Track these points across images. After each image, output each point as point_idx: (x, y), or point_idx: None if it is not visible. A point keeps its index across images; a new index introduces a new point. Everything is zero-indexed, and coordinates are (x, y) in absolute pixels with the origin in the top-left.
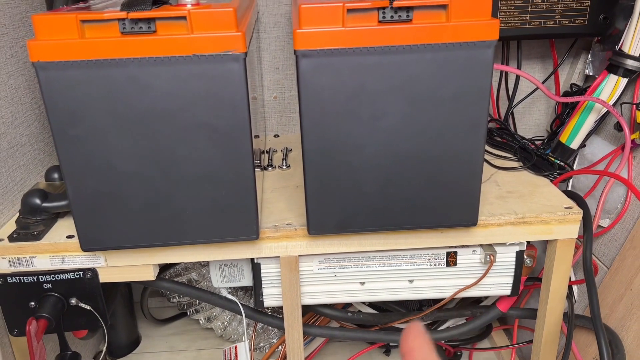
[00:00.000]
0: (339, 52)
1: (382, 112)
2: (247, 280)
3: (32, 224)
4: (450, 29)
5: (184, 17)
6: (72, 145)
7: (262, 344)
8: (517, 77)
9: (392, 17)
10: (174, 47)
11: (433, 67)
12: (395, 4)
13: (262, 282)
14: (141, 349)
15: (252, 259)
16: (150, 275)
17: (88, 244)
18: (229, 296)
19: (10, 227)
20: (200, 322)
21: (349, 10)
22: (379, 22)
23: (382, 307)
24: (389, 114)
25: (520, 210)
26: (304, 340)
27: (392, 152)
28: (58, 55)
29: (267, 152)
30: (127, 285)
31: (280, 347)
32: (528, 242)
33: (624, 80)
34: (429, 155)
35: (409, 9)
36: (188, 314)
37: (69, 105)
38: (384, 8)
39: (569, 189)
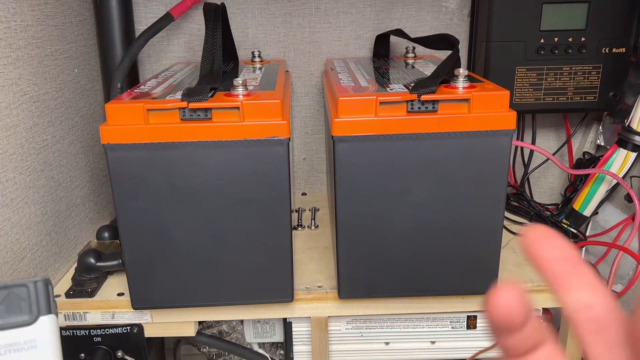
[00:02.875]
0: (372, 138)
1: (409, 189)
2: (278, 337)
3: (86, 282)
4: (472, 119)
5: (237, 107)
6: (132, 215)
7: None
8: None
9: (419, 108)
10: (227, 132)
11: (456, 152)
12: (423, 97)
13: (293, 340)
14: None
15: (285, 318)
16: (191, 331)
17: (138, 303)
18: (260, 351)
19: (66, 283)
20: None
21: (382, 103)
22: (408, 112)
23: None
24: (416, 191)
25: (537, 278)
26: None
27: (418, 224)
28: (125, 139)
29: (296, 211)
30: None
31: None
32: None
33: (633, 155)
34: (452, 228)
35: (434, 101)
36: None
37: (131, 180)
38: (412, 100)
39: (582, 255)
